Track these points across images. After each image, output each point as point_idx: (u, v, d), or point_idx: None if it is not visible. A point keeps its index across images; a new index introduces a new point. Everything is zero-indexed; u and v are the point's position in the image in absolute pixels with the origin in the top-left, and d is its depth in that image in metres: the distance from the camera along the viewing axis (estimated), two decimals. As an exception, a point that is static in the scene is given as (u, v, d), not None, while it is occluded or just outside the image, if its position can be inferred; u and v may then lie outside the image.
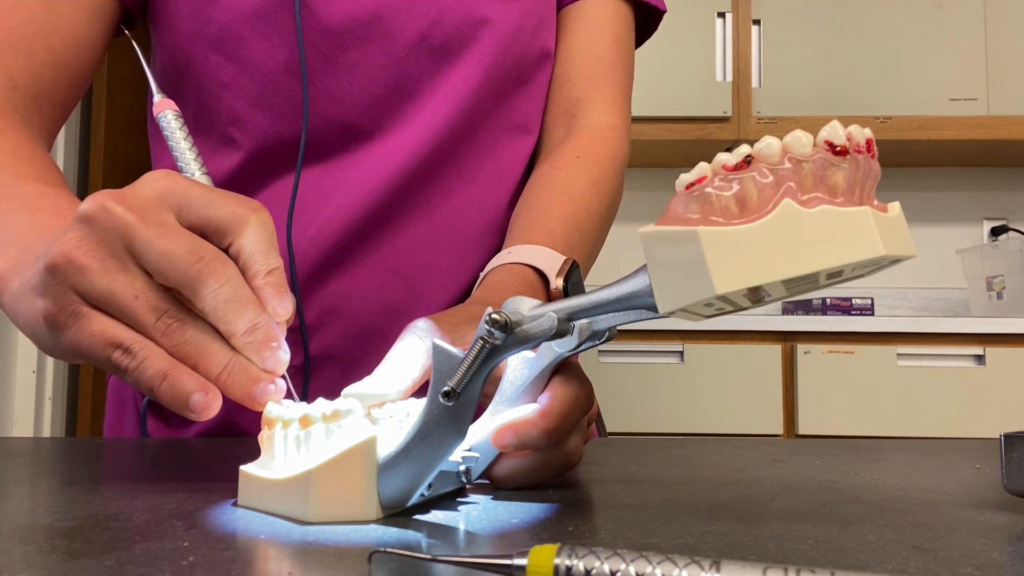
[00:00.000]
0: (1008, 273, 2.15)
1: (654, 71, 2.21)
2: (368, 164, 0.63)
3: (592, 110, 0.72)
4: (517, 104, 0.70)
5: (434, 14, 0.64)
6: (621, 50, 0.75)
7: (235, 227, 0.36)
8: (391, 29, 0.63)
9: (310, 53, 0.62)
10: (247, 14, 0.61)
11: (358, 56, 0.63)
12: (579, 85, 0.73)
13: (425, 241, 0.65)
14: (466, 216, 0.66)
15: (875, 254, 0.26)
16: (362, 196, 0.63)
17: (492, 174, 0.68)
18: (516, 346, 0.31)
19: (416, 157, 0.64)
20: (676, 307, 0.28)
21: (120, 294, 0.35)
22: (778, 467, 0.44)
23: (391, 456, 0.31)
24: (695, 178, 0.28)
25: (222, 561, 0.25)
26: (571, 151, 0.69)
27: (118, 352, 0.35)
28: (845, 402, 1.88)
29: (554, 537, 0.28)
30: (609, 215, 0.69)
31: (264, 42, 0.62)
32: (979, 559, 0.25)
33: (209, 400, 0.34)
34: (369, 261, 0.63)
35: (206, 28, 0.62)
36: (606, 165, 0.69)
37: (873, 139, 0.28)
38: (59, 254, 0.35)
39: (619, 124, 0.72)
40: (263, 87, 0.62)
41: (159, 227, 0.34)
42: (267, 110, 0.62)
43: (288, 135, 0.63)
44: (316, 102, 0.62)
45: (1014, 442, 0.32)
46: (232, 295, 0.34)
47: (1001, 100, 2.18)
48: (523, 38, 0.68)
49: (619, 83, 0.74)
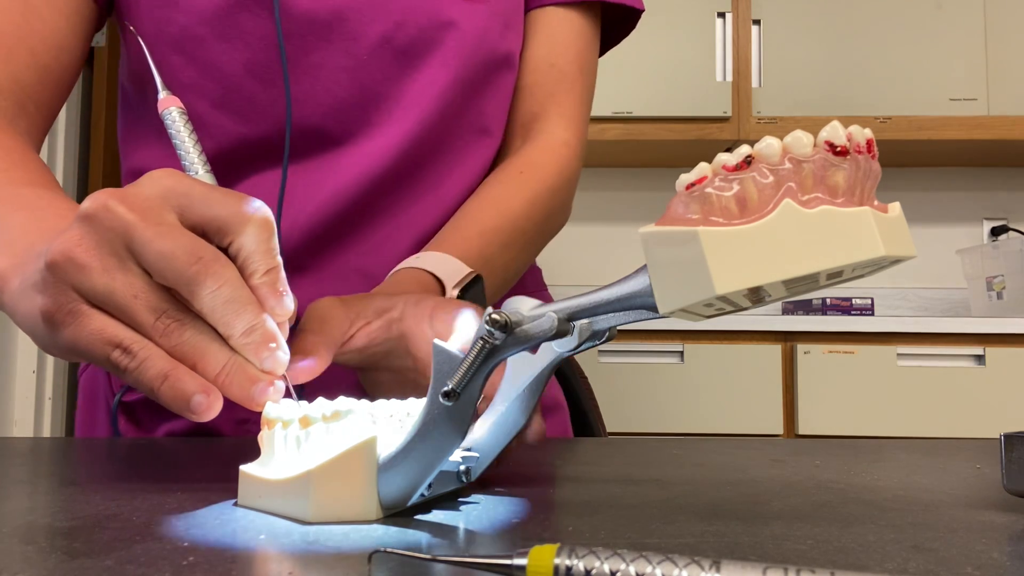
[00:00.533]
0: (1008, 273, 2.15)
1: (654, 71, 2.21)
2: (335, 168, 0.63)
3: (548, 124, 0.73)
4: (482, 107, 0.69)
5: (397, 16, 0.63)
6: (584, 66, 0.75)
7: (235, 226, 0.36)
8: (353, 31, 0.62)
9: (272, 55, 0.61)
10: (207, 15, 0.61)
11: (320, 59, 0.62)
12: (539, 100, 0.73)
13: (390, 242, 0.65)
14: (430, 217, 0.67)
15: (875, 254, 0.26)
16: (328, 200, 0.62)
17: (457, 176, 0.68)
18: (516, 346, 0.31)
19: (383, 162, 0.64)
20: (676, 307, 0.28)
21: (119, 293, 0.34)
22: (778, 467, 0.44)
23: (391, 456, 0.31)
24: (695, 178, 0.28)
25: (222, 561, 0.25)
26: (517, 166, 0.69)
27: (117, 351, 0.34)
28: (845, 402, 1.88)
29: (554, 537, 0.28)
30: (542, 232, 0.70)
31: (224, 44, 0.61)
32: (979, 559, 0.25)
33: (211, 401, 0.34)
34: (335, 263, 0.63)
35: (167, 29, 0.62)
36: (549, 182, 0.69)
37: (873, 139, 0.28)
38: (59, 252, 0.35)
39: (573, 142, 0.73)
40: (224, 89, 0.62)
41: (159, 227, 0.34)
42: (229, 112, 0.62)
43: (250, 137, 0.63)
44: (279, 105, 0.62)
45: (1014, 442, 0.32)
46: (230, 296, 0.34)
47: (1001, 100, 2.18)
48: (489, 41, 0.68)
49: (578, 100, 0.74)
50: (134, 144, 0.68)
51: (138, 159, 0.68)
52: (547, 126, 0.72)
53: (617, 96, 2.19)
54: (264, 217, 0.36)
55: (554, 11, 0.74)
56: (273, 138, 0.63)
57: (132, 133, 0.69)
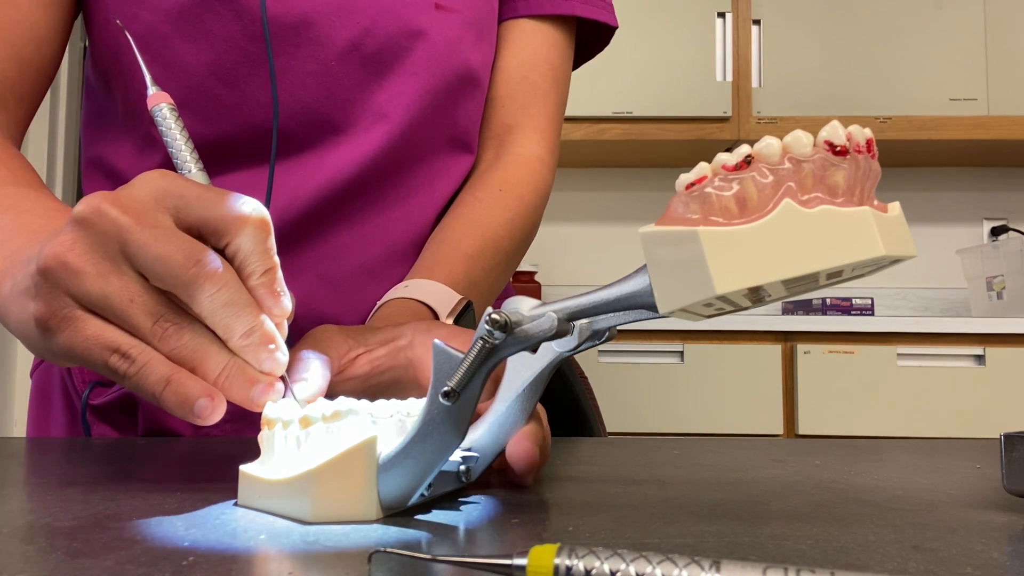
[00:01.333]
0: (1008, 273, 2.15)
1: (654, 71, 2.21)
2: (299, 173, 0.62)
3: (522, 138, 0.72)
4: (455, 118, 0.69)
5: (366, 22, 0.63)
6: (557, 79, 0.75)
7: (232, 227, 0.35)
8: (321, 36, 0.62)
9: (236, 57, 0.61)
10: (172, 14, 0.60)
11: (286, 63, 0.61)
12: (512, 111, 0.73)
13: (355, 248, 0.64)
14: (398, 225, 0.66)
15: (875, 254, 0.26)
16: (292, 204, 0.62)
17: (427, 188, 0.68)
18: (515, 346, 0.31)
19: (349, 170, 0.63)
20: (676, 307, 0.28)
21: (115, 297, 0.34)
22: (778, 467, 0.44)
23: (391, 456, 0.31)
24: (695, 178, 0.28)
25: (222, 561, 0.25)
26: (495, 182, 0.69)
27: (115, 356, 0.34)
28: (845, 402, 1.88)
29: (554, 537, 0.28)
30: (520, 251, 0.70)
31: (188, 44, 0.60)
32: (979, 559, 0.25)
33: (215, 405, 0.34)
34: (299, 267, 0.63)
35: (132, 26, 0.61)
36: (527, 200, 0.69)
37: (873, 139, 0.28)
38: (52, 256, 0.34)
39: (546, 156, 0.73)
40: (188, 89, 0.61)
41: (154, 230, 0.34)
42: (192, 112, 0.61)
43: (213, 138, 0.62)
44: (243, 108, 0.61)
45: (1014, 442, 0.32)
46: (228, 299, 0.34)
47: (1001, 100, 2.18)
48: (461, 52, 0.67)
49: (551, 113, 0.74)
50: (97, 135, 0.68)
51: (99, 149, 0.67)
52: (521, 139, 0.72)
53: (617, 96, 2.20)
54: (261, 217, 0.36)
55: (528, 23, 0.73)
56: (236, 140, 0.62)
57: (95, 123, 0.68)
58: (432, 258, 0.62)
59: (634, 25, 2.18)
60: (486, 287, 0.63)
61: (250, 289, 0.35)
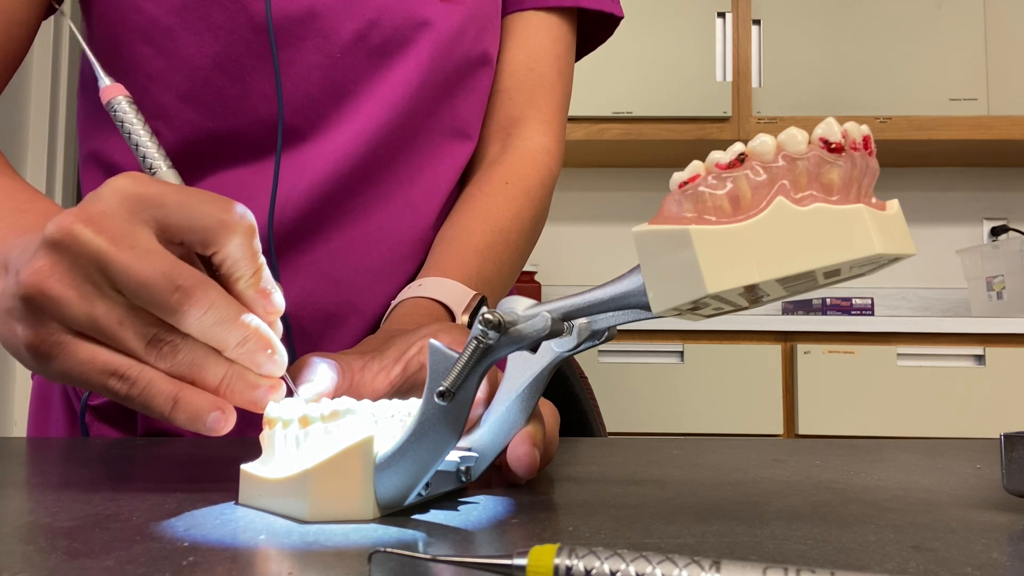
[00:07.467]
0: (1008, 273, 2.15)
1: (654, 71, 2.21)
2: (302, 165, 0.62)
3: (528, 130, 0.72)
4: (456, 108, 0.69)
5: (372, 14, 0.63)
6: (563, 70, 0.75)
7: (220, 237, 0.34)
8: (326, 28, 0.61)
9: (242, 50, 0.60)
10: (177, 6, 0.59)
11: (291, 55, 0.61)
12: (518, 104, 0.73)
13: (359, 245, 0.64)
14: (401, 220, 0.66)
15: (869, 252, 0.26)
16: (295, 198, 0.61)
17: (429, 179, 0.68)
18: (510, 346, 0.31)
19: (351, 160, 0.63)
20: (669, 307, 0.28)
21: (103, 320, 0.33)
22: (778, 467, 0.44)
23: (387, 456, 0.31)
24: (688, 176, 0.27)
25: (222, 561, 0.25)
26: (501, 175, 0.69)
27: (113, 379, 0.34)
28: (845, 402, 1.88)
29: (554, 537, 0.28)
30: (529, 244, 0.70)
31: (193, 36, 0.60)
32: (979, 559, 0.25)
33: (226, 416, 0.34)
34: (303, 265, 0.62)
35: (135, 18, 0.60)
36: (533, 193, 0.69)
37: (871, 136, 0.28)
38: (31, 286, 0.33)
39: (553, 147, 0.73)
40: (192, 81, 0.61)
41: (132, 251, 0.32)
42: (195, 105, 0.61)
43: (217, 131, 0.62)
44: (248, 101, 0.61)
45: (1014, 442, 0.32)
46: (217, 319, 0.33)
47: (1001, 100, 2.18)
48: (465, 42, 0.67)
49: (557, 104, 0.75)
50: (94, 129, 0.67)
51: (96, 144, 0.66)
52: (527, 132, 0.72)
53: (617, 96, 2.20)
54: (248, 224, 0.35)
55: (533, 15, 0.73)
56: (239, 133, 0.62)
57: (92, 117, 0.67)
58: (443, 255, 0.62)
59: (634, 25, 2.18)
60: (499, 281, 0.63)
61: (239, 292, 0.35)
